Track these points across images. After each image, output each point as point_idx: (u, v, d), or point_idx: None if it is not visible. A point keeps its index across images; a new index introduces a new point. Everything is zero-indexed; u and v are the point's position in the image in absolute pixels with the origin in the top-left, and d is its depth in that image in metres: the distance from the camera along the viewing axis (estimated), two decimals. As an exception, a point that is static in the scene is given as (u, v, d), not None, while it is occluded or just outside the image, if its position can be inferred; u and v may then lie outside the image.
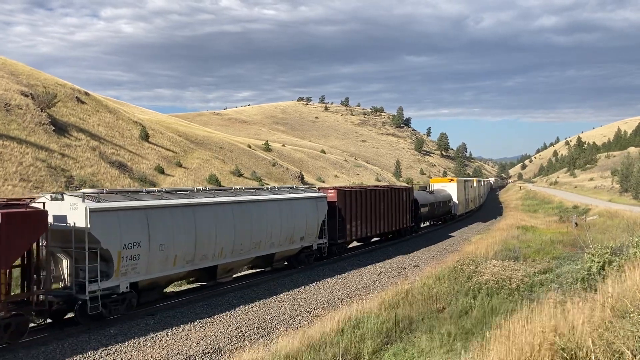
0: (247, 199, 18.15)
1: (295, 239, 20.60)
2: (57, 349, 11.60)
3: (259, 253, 18.51)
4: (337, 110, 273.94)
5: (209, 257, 16.26)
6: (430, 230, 38.87)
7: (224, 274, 17.35)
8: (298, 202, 20.85)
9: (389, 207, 29.11)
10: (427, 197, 37.56)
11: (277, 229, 19.27)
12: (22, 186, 33.57)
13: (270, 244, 19.05)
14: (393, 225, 29.99)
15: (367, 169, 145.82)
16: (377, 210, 27.61)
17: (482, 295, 13.97)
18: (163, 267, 14.64)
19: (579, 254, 18.28)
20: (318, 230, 22.14)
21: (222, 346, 12.70)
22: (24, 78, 54.09)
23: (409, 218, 32.41)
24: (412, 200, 32.88)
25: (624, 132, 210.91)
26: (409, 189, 33.52)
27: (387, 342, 10.71)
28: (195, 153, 69.64)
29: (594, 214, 38.47)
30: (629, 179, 68.01)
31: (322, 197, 22.48)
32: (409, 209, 32.27)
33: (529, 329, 7.06)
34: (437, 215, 40.20)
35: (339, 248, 24.33)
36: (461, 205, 46.65)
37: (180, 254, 15.07)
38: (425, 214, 36.13)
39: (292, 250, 20.80)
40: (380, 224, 28.18)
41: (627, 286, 9.09)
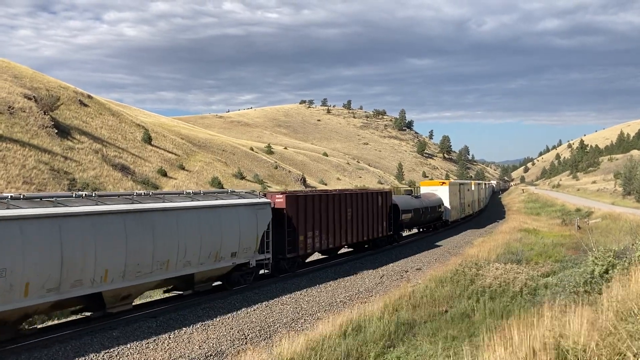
0: (148, 207, 14.34)
1: (224, 255, 16.72)
2: (59, 352, 11.60)
3: (168, 275, 14.77)
4: (339, 113, 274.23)
5: (87, 283, 12.65)
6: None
7: (116, 303, 13.80)
8: (228, 210, 17.00)
9: (360, 213, 25.65)
10: (411, 202, 33.85)
11: (194, 244, 15.47)
12: (25, 189, 33.65)
13: (185, 263, 15.25)
14: (365, 235, 26.37)
15: (370, 171, 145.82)
16: (343, 218, 24.12)
17: (485, 299, 13.94)
18: (5, 299, 10.97)
19: (582, 257, 18.24)
20: (257, 243, 18.16)
21: (224, 349, 12.69)
22: (27, 81, 54.27)
23: (385, 226, 28.75)
24: (389, 206, 29.31)
25: (627, 135, 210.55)
26: (386, 193, 29.73)
27: (389, 345, 10.70)
28: (198, 156, 69.73)
29: (596, 217, 38.38)
30: (632, 181, 67.84)
31: (263, 203, 18.57)
32: (386, 215, 28.70)
33: (531, 335, 7.05)
34: (425, 221, 36.64)
35: (289, 263, 20.65)
36: (455, 211, 43.11)
37: (36, 280, 11.46)
38: (408, 221, 32.44)
39: (221, 269, 16.93)
40: (347, 233, 24.65)
41: (631, 290, 9.07)
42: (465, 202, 48.69)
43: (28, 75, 56.84)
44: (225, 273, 17.44)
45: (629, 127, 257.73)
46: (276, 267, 19.93)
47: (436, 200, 38.49)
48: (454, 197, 42.63)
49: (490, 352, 7.30)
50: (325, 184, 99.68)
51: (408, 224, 32.93)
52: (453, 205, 42.13)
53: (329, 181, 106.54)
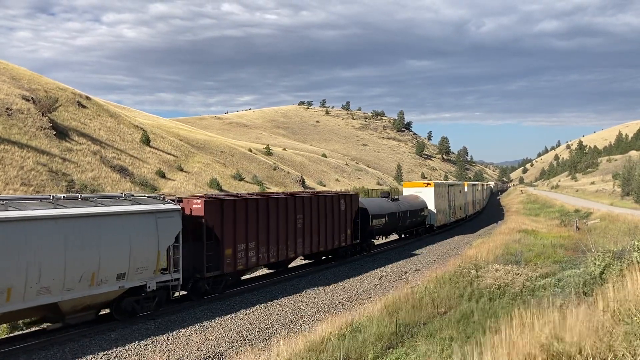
0: None
1: (106, 277, 13.14)
2: (57, 353, 11.58)
3: (11, 307, 11.21)
4: (338, 114, 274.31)
5: None
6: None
7: None
8: (111, 219, 13.39)
9: (314, 220, 22.20)
10: (385, 205, 29.96)
11: (55, 265, 11.93)
12: (23, 190, 33.61)
13: (40, 290, 11.66)
14: (323, 245, 22.85)
15: (369, 173, 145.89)
16: (291, 226, 20.60)
17: (484, 300, 13.94)
18: None
19: (580, 258, 18.25)
20: (159, 261, 14.50)
21: (222, 351, 12.67)
22: (25, 82, 54.24)
23: (350, 233, 25.16)
24: (355, 211, 25.74)
25: (626, 135, 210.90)
26: (351, 196, 25.91)
27: (388, 347, 10.68)
28: (197, 157, 69.72)
29: (595, 218, 38.41)
30: (630, 182, 67.95)
31: (169, 210, 14.88)
32: (350, 221, 25.21)
33: (531, 336, 7.04)
34: (404, 227, 33.04)
35: (213, 283, 17.16)
36: (442, 214, 39.59)
37: None
38: (381, 227, 28.85)
39: (102, 296, 13.33)
40: (298, 244, 21.12)
41: (629, 290, 9.06)
42: (456, 205, 45.52)
43: (26, 77, 56.79)
44: (113, 300, 13.84)
45: (628, 128, 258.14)
46: (194, 288, 16.55)
47: (419, 203, 35.04)
48: (441, 199, 39.42)
49: (490, 354, 7.29)
50: (324, 185, 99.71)
51: (381, 231, 29.39)
52: (440, 208, 38.89)
53: (328, 182, 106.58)
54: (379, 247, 28.28)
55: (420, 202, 35.41)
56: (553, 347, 6.45)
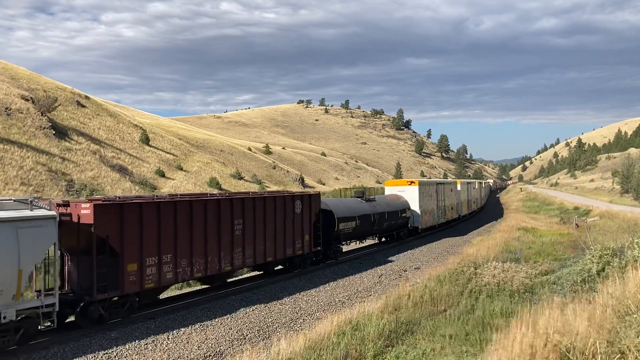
0: None
1: None
2: (58, 353, 11.60)
3: None
4: (337, 113, 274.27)
5: None
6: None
7: None
8: None
9: (258, 225, 18.74)
10: (357, 206, 26.44)
11: None
12: (22, 190, 33.61)
13: None
14: (271, 254, 19.50)
15: (368, 171, 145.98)
16: (226, 233, 17.20)
17: (483, 297, 13.97)
18: None
19: (580, 255, 18.28)
20: (19, 282, 11.50)
21: (223, 349, 12.69)
22: (25, 82, 54.21)
23: (309, 240, 21.82)
24: (316, 214, 22.48)
25: (625, 133, 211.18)
26: (310, 197, 22.52)
27: (388, 345, 10.70)
28: (196, 156, 69.72)
29: (594, 215, 38.46)
30: (630, 180, 68.07)
31: (36, 218, 11.90)
32: (309, 226, 21.88)
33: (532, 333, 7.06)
34: (381, 230, 29.71)
35: (108, 307, 13.78)
36: (428, 215, 35.90)
37: None
38: (352, 232, 25.44)
39: None
40: (237, 254, 17.68)
41: (629, 287, 9.09)
42: (447, 205, 41.89)
43: (25, 77, 56.77)
44: None
45: (627, 126, 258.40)
46: (84, 314, 13.33)
47: (400, 204, 31.76)
48: (428, 199, 36.02)
49: (491, 351, 7.31)
50: (324, 183, 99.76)
51: (351, 235, 25.95)
52: (426, 208, 35.26)
53: (327, 181, 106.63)
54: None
55: (402, 202, 32.26)
56: (556, 345, 6.47)
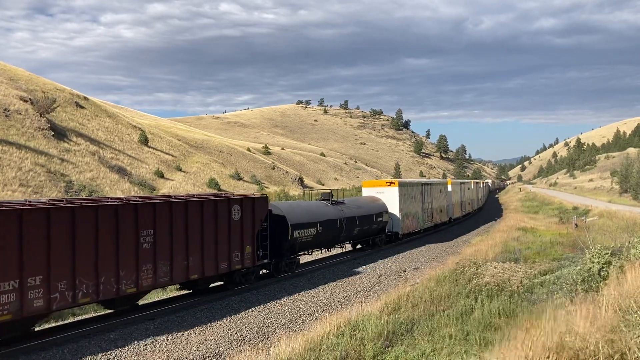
0: None
1: None
2: (56, 354, 11.56)
3: None
4: (336, 113, 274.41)
5: None
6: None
7: None
8: None
9: (178, 237, 15.18)
10: (320, 211, 23.23)
11: None
12: (21, 191, 33.56)
13: None
14: (194, 270, 15.77)
15: (367, 171, 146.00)
16: (124, 248, 13.57)
17: (483, 297, 13.95)
18: None
19: (579, 255, 18.27)
20: None
21: (222, 350, 12.67)
22: (23, 83, 54.16)
23: (251, 252, 18.14)
24: (262, 220, 18.90)
25: (623, 132, 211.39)
26: (253, 200, 18.56)
27: (388, 345, 10.68)
28: (195, 157, 69.68)
29: (593, 215, 38.47)
30: (629, 179, 68.14)
31: None
32: (251, 234, 18.21)
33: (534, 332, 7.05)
34: (350, 237, 26.24)
35: None
36: (411, 219, 32.57)
37: None
38: (312, 240, 22.18)
39: None
40: (142, 272, 14.06)
41: (629, 287, 9.08)
42: (434, 207, 38.42)
43: (24, 78, 56.71)
44: None
45: (625, 125, 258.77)
46: None
47: (377, 207, 28.51)
48: (410, 201, 32.74)
49: (491, 352, 7.29)
50: (323, 184, 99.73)
51: (311, 244, 22.67)
52: (408, 211, 32.08)
53: (327, 181, 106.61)
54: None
55: (379, 205, 29.01)
56: (559, 345, 6.45)
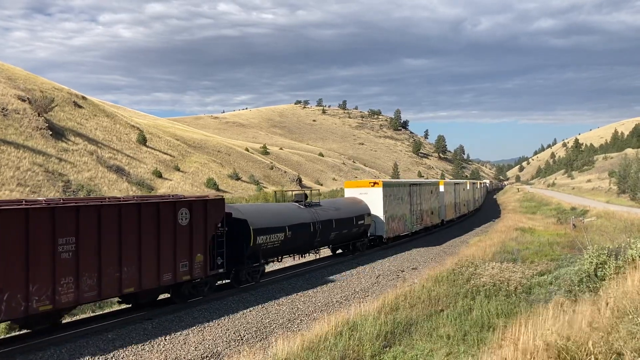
0: None
1: None
2: (54, 354, 11.54)
3: None
4: (334, 113, 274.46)
5: None
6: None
7: None
8: None
9: (108, 245, 13.10)
10: (290, 214, 21.15)
11: None
12: (19, 191, 33.51)
13: None
14: (129, 283, 13.67)
15: (365, 171, 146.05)
16: (35, 258, 11.63)
17: (481, 297, 13.97)
18: None
19: (577, 255, 18.30)
20: None
21: (220, 350, 12.66)
22: (21, 83, 54.07)
23: (204, 260, 16.05)
24: (216, 224, 16.66)
25: (621, 133, 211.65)
26: (206, 202, 16.31)
27: (386, 345, 10.69)
28: (193, 157, 69.63)
29: (591, 216, 38.53)
30: (626, 180, 68.22)
31: None
32: (203, 241, 16.06)
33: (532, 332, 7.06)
34: (327, 242, 24.14)
35: None
36: (397, 222, 30.50)
37: None
38: (279, 245, 20.00)
39: None
40: (60, 287, 12.03)
41: (626, 288, 9.09)
42: (425, 209, 36.27)
43: (22, 77, 56.63)
44: None
45: (623, 126, 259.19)
46: None
47: (358, 209, 26.45)
48: (397, 202, 30.63)
49: (489, 352, 7.30)
50: (321, 184, 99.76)
51: (279, 250, 20.50)
52: (394, 214, 29.99)
53: (325, 181, 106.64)
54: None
55: (361, 207, 26.97)
56: (555, 345, 6.46)
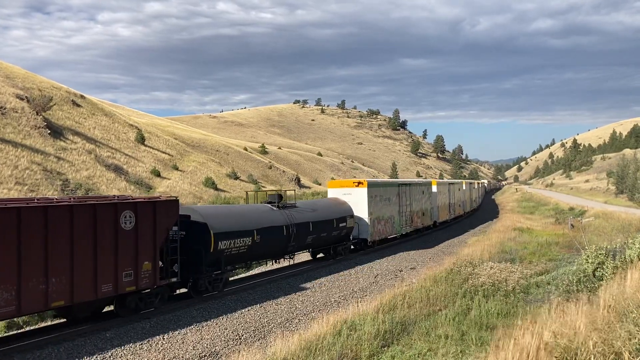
0: None
1: None
2: (52, 353, 11.53)
3: None
4: (333, 113, 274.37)
5: None
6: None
7: None
8: None
9: (25, 253, 11.40)
10: (259, 216, 19.26)
11: None
12: (17, 190, 33.45)
13: None
14: (59, 295, 12.01)
15: (364, 171, 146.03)
16: None
17: (479, 297, 13.98)
18: None
19: (575, 255, 18.33)
20: None
21: (218, 349, 12.66)
22: (20, 81, 53.97)
23: (153, 268, 14.39)
24: (167, 228, 14.96)
25: (620, 134, 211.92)
26: (154, 204, 14.65)
27: (384, 345, 10.69)
28: (192, 156, 69.58)
29: (589, 216, 38.57)
30: (624, 180, 68.33)
31: None
32: (152, 247, 14.39)
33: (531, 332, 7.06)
34: (306, 246, 22.66)
35: None
36: (383, 224, 28.88)
37: None
38: (245, 251, 18.11)
39: None
40: None
41: (624, 287, 9.10)
42: (415, 210, 34.53)
43: (20, 76, 56.52)
44: None
45: (622, 126, 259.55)
46: None
47: (339, 210, 24.77)
48: (383, 203, 29.05)
49: (487, 352, 7.31)
50: (320, 183, 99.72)
51: (245, 257, 18.52)
52: (379, 215, 28.45)
53: (323, 181, 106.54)
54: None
55: (343, 208, 25.28)
56: (554, 345, 6.47)
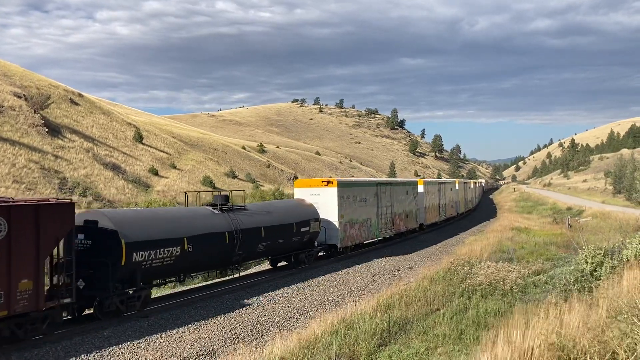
0: None
1: None
2: (49, 352, 11.52)
3: None
4: (331, 112, 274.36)
5: None
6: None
7: None
8: None
9: None
10: (193, 221, 16.59)
11: None
12: (15, 188, 33.41)
13: None
14: None
15: (362, 170, 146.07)
16: None
17: (477, 297, 14.00)
18: None
19: (572, 255, 18.35)
20: None
21: (216, 348, 12.66)
22: (17, 79, 53.87)
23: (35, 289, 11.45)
24: (54, 239, 12.04)
25: (617, 134, 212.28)
26: (39, 208, 11.64)
27: (381, 344, 10.71)
28: (190, 155, 69.53)
29: (587, 216, 38.65)
30: (622, 180, 68.44)
31: None
32: (34, 263, 11.47)
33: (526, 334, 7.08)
34: (258, 254, 20.06)
35: None
36: (357, 228, 25.92)
37: None
38: (171, 263, 15.38)
39: None
40: None
41: (621, 287, 9.13)
42: (397, 212, 31.18)
43: (18, 74, 56.40)
44: None
45: (619, 126, 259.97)
46: None
47: (302, 213, 22.10)
48: (357, 205, 26.10)
49: (484, 351, 7.32)
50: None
51: (172, 270, 15.89)
52: (352, 218, 25.48)
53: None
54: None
55: (307, 211, 22.59)
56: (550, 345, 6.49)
